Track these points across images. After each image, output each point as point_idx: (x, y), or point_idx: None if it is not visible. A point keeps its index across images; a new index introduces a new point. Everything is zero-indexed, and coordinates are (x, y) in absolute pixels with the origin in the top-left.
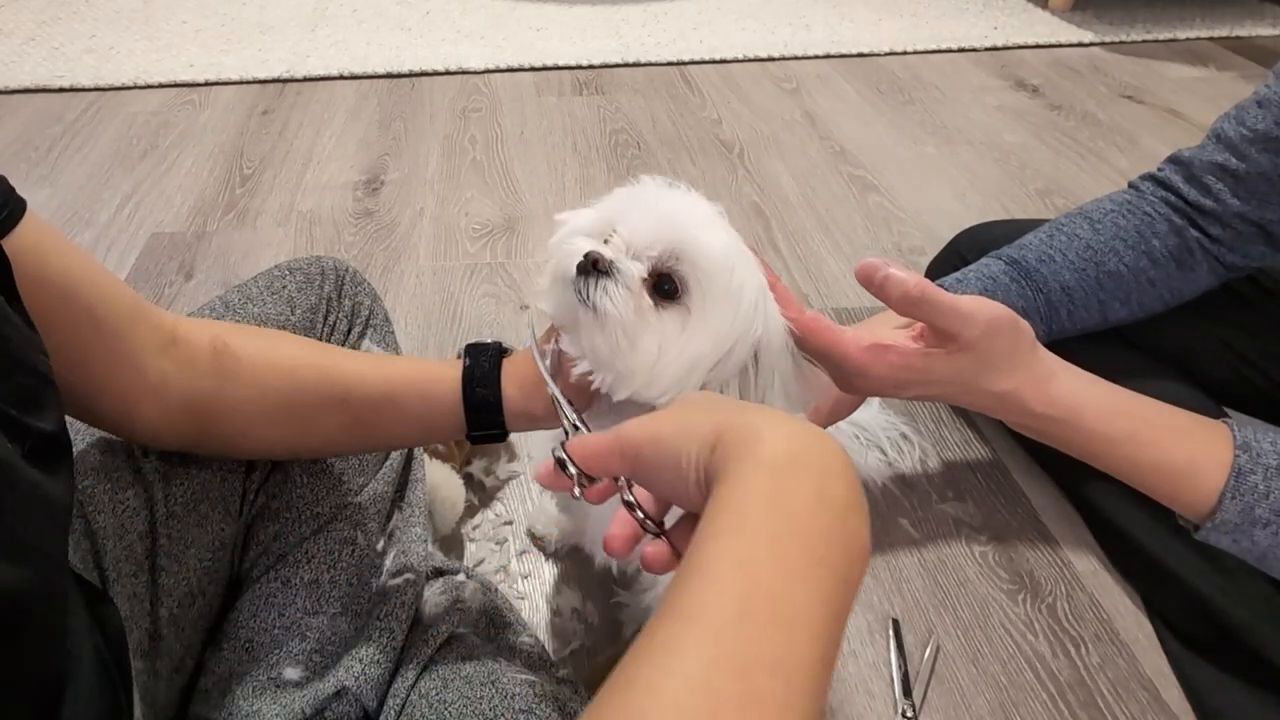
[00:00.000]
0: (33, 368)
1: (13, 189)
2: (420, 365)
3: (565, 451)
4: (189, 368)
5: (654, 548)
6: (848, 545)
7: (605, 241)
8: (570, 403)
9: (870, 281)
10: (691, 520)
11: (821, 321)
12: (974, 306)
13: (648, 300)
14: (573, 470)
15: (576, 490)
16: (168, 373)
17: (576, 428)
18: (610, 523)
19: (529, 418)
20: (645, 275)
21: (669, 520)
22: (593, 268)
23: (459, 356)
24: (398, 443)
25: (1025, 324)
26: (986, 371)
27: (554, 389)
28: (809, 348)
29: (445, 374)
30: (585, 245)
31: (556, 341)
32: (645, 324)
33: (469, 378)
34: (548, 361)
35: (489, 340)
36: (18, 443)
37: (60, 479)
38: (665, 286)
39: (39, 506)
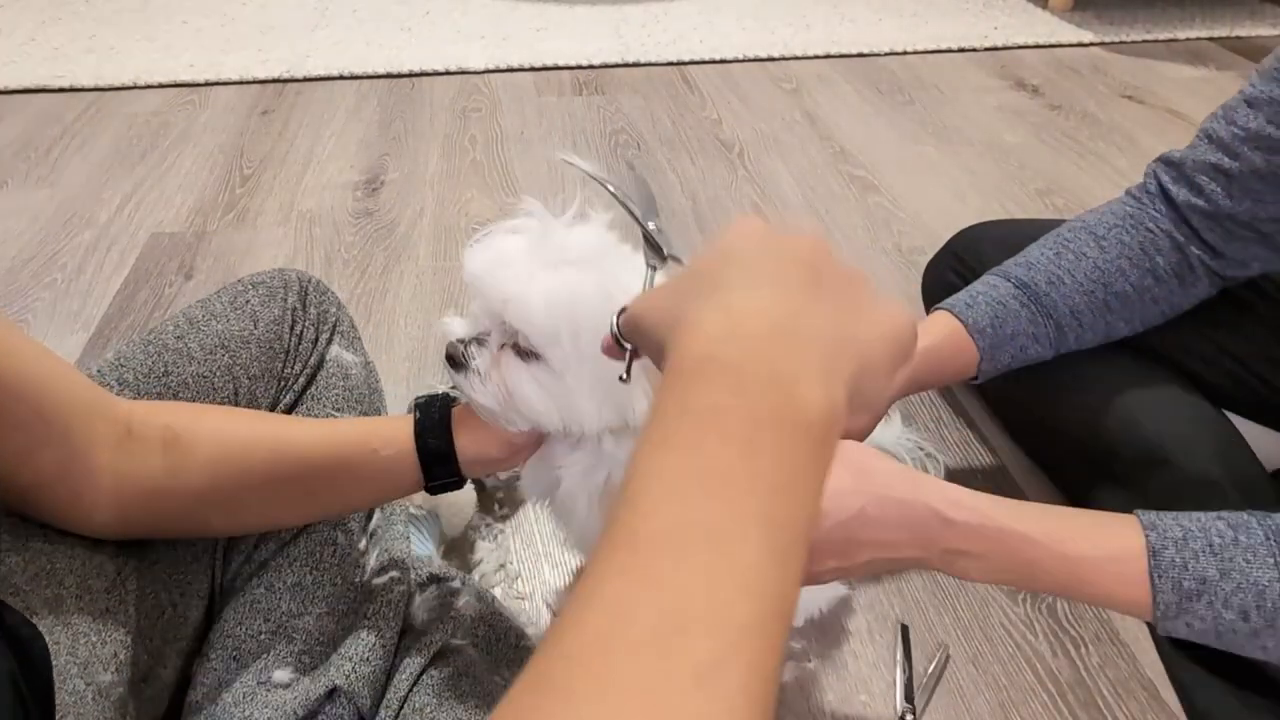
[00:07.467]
0: None
1: None
2: (371, 426)
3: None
4: (143, 463)
5: None
6: (790, 421)
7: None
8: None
9: None
10: None
11: None
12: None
13: (514, 365)
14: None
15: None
16: (122, 469)
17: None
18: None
19: (485, 462)
20: (501, 347)
21: None
22: (450, 364)
23: (409, 411)
24: (358, 505)
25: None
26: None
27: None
28: None
29: (397, 431)
30: (451, 333)
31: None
32: (524, 387)
33: (420, 431)
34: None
35: (439, 390)
36: None
37: None
38: (526, 348)
39: None
